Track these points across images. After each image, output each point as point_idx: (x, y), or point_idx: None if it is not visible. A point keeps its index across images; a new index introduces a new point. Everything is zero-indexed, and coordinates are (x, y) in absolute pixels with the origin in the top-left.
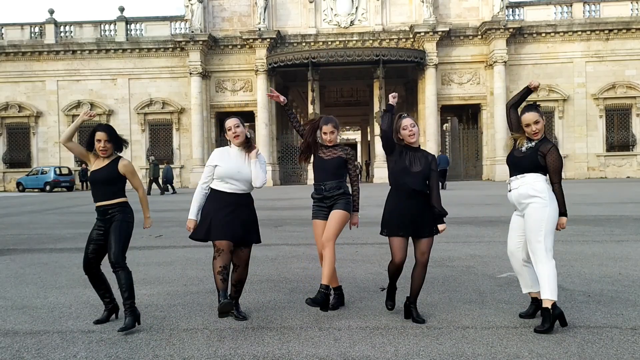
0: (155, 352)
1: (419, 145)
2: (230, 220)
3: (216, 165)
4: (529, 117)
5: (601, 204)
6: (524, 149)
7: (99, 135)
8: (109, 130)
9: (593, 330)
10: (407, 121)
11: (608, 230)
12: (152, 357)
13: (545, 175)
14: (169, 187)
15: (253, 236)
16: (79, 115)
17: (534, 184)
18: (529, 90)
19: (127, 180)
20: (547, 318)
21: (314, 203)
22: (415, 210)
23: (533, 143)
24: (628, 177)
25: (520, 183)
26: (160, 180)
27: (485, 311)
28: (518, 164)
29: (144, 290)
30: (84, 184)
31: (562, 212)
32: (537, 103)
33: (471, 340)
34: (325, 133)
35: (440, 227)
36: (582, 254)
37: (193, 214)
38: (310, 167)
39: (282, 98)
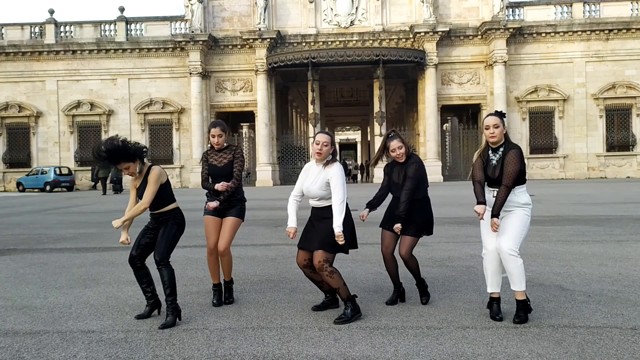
0: (155, 352)
1: (407, 158)
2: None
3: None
4: (489, 120)
5: (601, 204)
6: (494, 161)
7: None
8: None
9: (593, 330)
10: (394, 144)
11: (608, 230)
12: (152, 357)
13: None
14: (119, 187)
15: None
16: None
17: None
18: None
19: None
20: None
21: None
22: None
23: (500, 152)
24: (628, 177)
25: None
26: (108, 180)
27: (485, 311)
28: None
29: None
30: (97, 184)
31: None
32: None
33: (471, 340)
34: (213, 136)
35: (395, 226)
36: (582, 254)
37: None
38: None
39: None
